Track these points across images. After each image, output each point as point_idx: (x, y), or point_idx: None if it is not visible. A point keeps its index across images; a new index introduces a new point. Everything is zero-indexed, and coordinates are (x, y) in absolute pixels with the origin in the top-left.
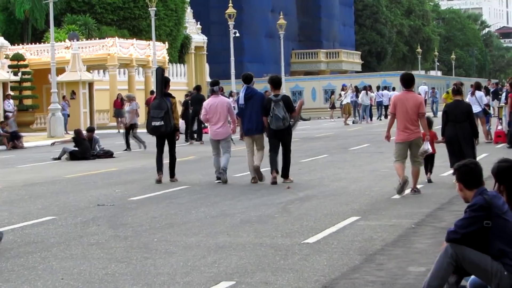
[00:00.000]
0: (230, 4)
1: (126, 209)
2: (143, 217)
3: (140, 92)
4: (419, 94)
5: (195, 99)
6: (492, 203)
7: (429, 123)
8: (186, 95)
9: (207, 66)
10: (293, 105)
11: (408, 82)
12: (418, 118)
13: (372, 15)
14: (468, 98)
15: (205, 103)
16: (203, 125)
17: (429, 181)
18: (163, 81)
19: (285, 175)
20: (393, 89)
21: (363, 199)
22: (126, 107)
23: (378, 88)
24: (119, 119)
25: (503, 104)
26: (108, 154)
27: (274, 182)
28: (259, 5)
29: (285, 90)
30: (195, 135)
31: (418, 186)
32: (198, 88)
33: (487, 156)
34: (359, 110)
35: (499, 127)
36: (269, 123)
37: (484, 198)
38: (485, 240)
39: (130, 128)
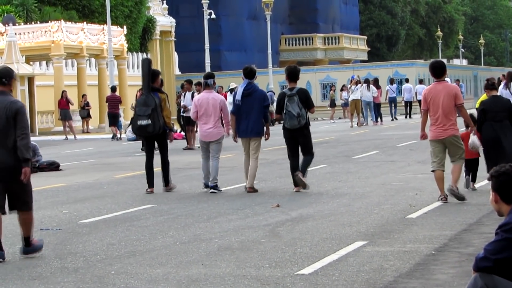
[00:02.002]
0: None
1: (76, 234)
2: (98, 244)
3: (92, 88)
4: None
5: None
6: None
7: (473, 120)
8: (140, 90)
9: (175, 56)
10: (311, 100)
11: (438, 71)
12: (455, 111)
13: None
14: (500, 91)
15: (195, 99)
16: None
17: (474, 189)
18: (150, 74)
19: (303, 170)
20: (406, 80)
21: (371, 220)
22: None
23: (391, 81)
24: (67, 122)
25: None
26: (53, 166)
27: (296, 182)
28: None
29: (272, 84)
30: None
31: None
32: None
33: None
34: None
35: None
36: (283, 121)
37: None
38: None
39: None
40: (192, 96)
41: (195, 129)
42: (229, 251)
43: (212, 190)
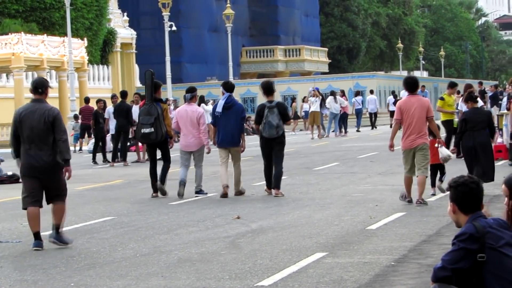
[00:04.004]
0: None
1: None
2: (57, 256)
3: (53, 100)
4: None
5: (118, 110)
6: (485, 233)
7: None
8: (98, 102)
9: (136, 68)
10: (289, 114)
11: (412, 86)
12: (427, 123)
13: (342, 2)
14: (461, 106)
15: (176, 111)
16: (130, 142)
17: (443, 191)
18: (152, 85)
19: (277, 185)
20: (371, 92)
21: (331, 231)
22: None
23: (357, 93)
24: None
25: (504, 112)
26: (13, 179)
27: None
28: None
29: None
30: (117, 155)
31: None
32: (123, 94)
33: None
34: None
35: (499, 140)
36: (261, 130)
37: (475, 227)
38: (479, 278)
39: None
40: None
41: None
42: (189, 263)
43: (197, 195)
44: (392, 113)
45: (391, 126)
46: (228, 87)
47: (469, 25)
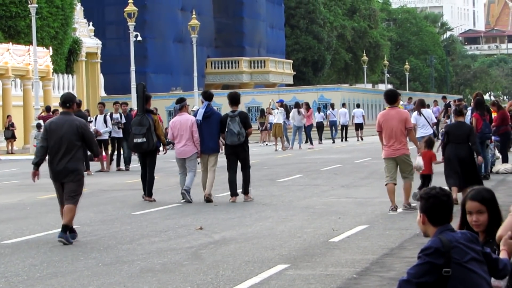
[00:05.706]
0: (130, 1)
1: None
2: (19, 265)
3: (17, 108)
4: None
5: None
6: (451, 248)
7: (430, 143)
8: (54, 112)
9: (101, 77)
10: (250, 122)
11: (391, 99)
12: (405, 133)
13: (308, 14)
14: (414, 119)
15: (171, 122)
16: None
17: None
18: (144, 97)
19: (245, 191)
20: (343, 105)
21: (294, 243)
22: None
23: (332, 106)
24: None
25: None
26: None
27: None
28: (166, 2)
29: (198, 106)
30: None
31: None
32: (77, 103)
33: None
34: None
35: None
36: (225, 139)
37: (441, 241)
38: None
39: None
40: (105, 119)
41: (109, 152)
42: (151, 273)
43: (183, 192)
44: (357, 126)
45: (358, 140)
46: (207, 96)
47: (434, 39)
